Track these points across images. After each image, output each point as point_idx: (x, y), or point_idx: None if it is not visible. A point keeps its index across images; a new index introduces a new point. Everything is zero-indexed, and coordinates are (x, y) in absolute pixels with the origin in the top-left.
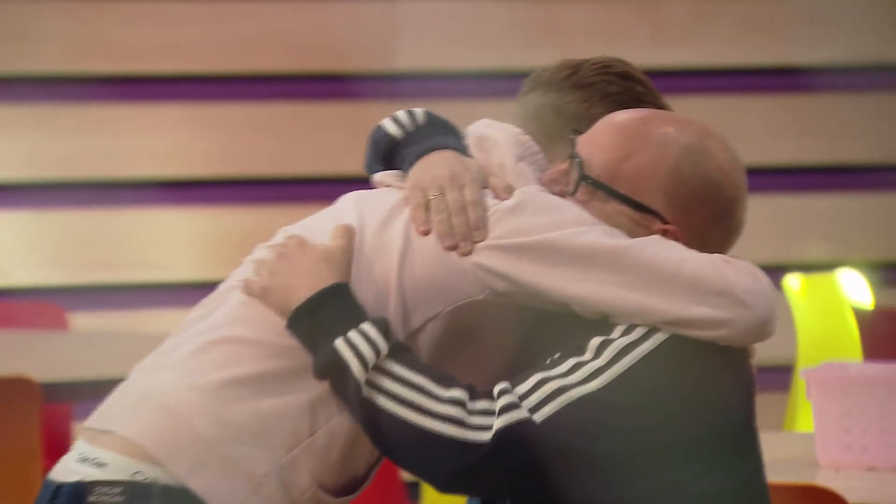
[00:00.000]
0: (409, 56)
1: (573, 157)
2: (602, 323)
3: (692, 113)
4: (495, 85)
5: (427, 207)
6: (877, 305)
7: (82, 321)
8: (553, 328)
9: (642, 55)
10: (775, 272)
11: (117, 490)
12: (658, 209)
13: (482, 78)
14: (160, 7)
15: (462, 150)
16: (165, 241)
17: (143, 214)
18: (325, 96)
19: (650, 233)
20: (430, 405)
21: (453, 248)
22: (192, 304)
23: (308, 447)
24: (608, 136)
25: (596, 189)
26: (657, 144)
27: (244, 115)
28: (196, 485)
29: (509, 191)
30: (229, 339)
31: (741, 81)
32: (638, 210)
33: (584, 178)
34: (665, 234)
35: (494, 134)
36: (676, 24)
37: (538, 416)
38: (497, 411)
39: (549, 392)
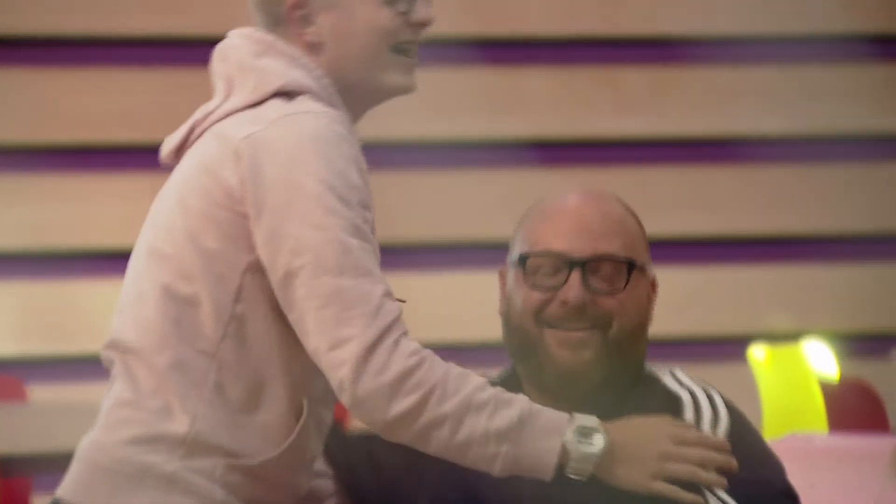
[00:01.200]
0: (373, 125)
1: (602, 259)
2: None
3: (656, 182)
4: (459, 154)
5: None
6: (842, 376)
7: (41, 393)
8: None
9: (605, 125)
10: (740, 343)
11: None
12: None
13: (446, 147)
14: (116, 76)
15: None
16: None
17: (101, 285)
18: None
19: (648, 290)
20: None
21: None
22: None
23: (197, 433)
24: (603, 225)
25: (634, 272)
26: (626, 212)
27: None
28: None
29: None
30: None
31: (704, 151)
32: (648, 275)
33: (632, 267)
34: (651, 287)
35: (230, 40)
36: (638, 95)
37: None
38: None
39: None
